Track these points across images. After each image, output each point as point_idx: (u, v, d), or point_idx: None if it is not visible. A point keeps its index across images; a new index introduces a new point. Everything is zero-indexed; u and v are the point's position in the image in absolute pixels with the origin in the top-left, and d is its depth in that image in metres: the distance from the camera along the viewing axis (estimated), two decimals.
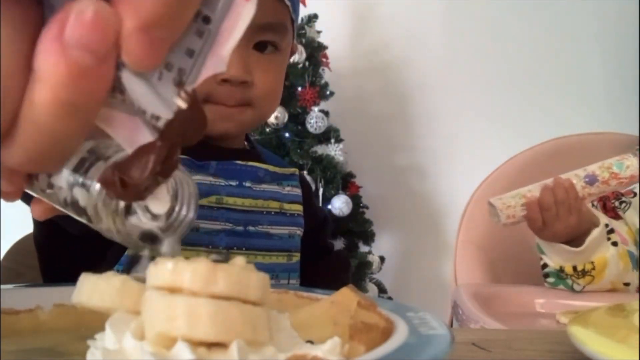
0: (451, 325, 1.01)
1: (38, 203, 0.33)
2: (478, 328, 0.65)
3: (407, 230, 2.27)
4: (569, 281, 0.99)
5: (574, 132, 1.54)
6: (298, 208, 0.82)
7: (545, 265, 1.01)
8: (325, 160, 1.96)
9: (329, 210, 1.91)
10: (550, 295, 0.97)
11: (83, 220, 0.29)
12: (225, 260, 0.27)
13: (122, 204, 0.28)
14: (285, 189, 0.81)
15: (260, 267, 0.84)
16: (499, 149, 1.69)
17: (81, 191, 0.28)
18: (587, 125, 1.69)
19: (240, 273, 0.26)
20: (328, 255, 0.93)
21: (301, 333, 0.35)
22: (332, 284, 0.95)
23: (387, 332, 0.30)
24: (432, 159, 2.27)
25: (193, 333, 0.24)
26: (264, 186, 0.79)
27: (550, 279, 1.01)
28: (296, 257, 0.81)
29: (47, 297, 0.46)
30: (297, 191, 0.83)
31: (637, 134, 1.31)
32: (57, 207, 0.30)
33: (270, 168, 0.80)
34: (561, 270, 0.98)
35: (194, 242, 0.70)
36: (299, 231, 0.82)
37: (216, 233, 0.72)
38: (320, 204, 1.91)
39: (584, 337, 0.33)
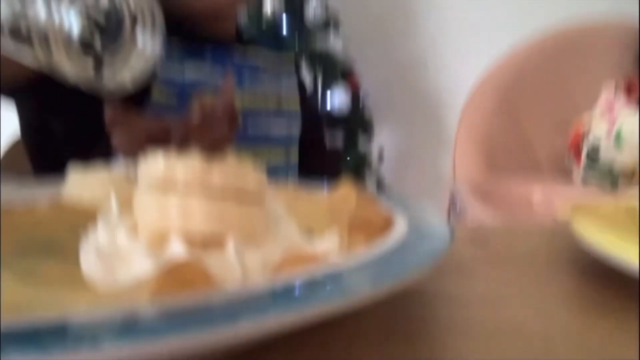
0: (448, 220, 1.02)
1: None
2: (473, 227, 0.65)
3: (407, 124, 2.25)
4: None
5: (575, 19, 1.47)
6: (295, 104, 0.81)
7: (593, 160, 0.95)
8: (324, 54, 1.91)
9: (328, 106, 1.89)
10: (549, 189, 0.98)
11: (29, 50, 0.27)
12: None
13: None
14: (282, 83, 0.79)
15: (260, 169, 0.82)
16: (502, 40, 1.64)
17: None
18: (591, 8, 1.61)
19: (236, 166, 0.25)
20: (321, 150, 0.92)
21: (300, 225, 0.35)
22: (325, 177, 0.96)
23: (385, 228, 0.29)
24: (433, 49, 2.21)
25: (187, 228, 0.23)
26: (263, 81, 0.76)
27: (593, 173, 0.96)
28: (294, 156, 0.80)
29: (43, 195, 0.45)
30: (294, 85, 0.81)
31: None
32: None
33: (269, 63, 0.77)
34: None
35: None
36: (296, 128, 0.81)
37: None
38: (319, 100, 1.88)
39: (587, 231, 0.33)
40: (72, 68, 0.26)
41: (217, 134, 0.22)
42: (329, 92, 1.89)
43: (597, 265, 0.31)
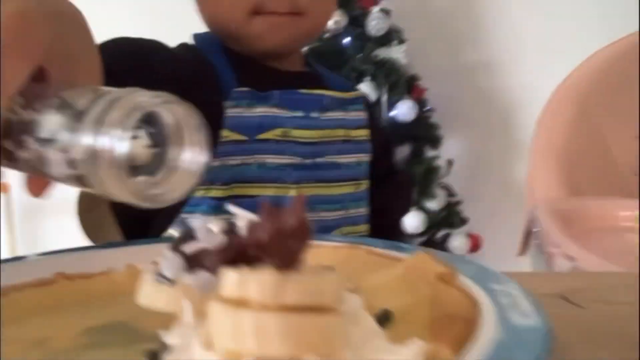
0: (526, 242, 0.98)
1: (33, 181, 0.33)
2: (564, 272, 0.61)
3: (476, 131, 2.19)
4: None
5: None
6: (364, 133, 0.80)
7: None
8: (388, 64, 1.88)
9: (393, 117, 1.86)
10: (634, 207, 0.91)
11: (73, 182, 0.28)
12: None
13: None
14: (350, 114, 0.78)
15: (330, 199, 0.83)
16: (576, 43, 1.56)
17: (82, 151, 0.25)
18: None
19: (312, 279, 0.23)
20: (393, 177, 0.91)
21: (375, 301, 0.33)
22: (399, 204, 0.94)
23: (471, 322, 0.27)
24: (501, 54, 2.14)
25: (264, 351, 0.22)
26: (330, 114, 0.76)
27: None
28: (364, 185, 0.79)
29: (118, 258, 0.46)
30: (363, 115, 0.80)
31: None
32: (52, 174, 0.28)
33: (336, 94, 0.76)
34: None
35: (261, 178, 0.69)
36: (366, 157, 0.79)
37: (283, 168, 0.70)
38: (384, 111, 1.86)
39: None
40: (120, 190, 0.26)
41: (289, 249, 0.21)
42: (394, 103, 1.86)
43: None
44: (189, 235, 0.25)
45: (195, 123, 0.27)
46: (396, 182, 0.90)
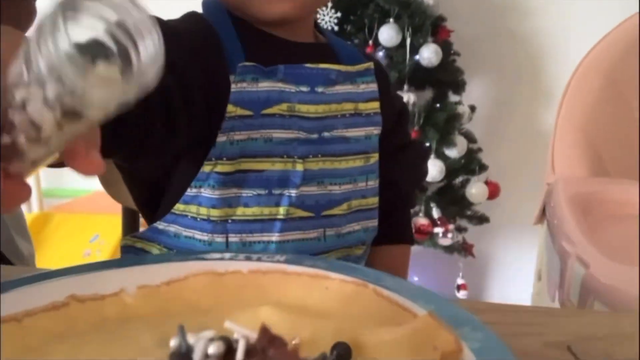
0: (544, 214, 0.97)
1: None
2: (574, 312, 0.61)
3: (502, 76, 2.12)
4: None
5: None
6: (374, 106, 0.78)
7: None
8: (414, 4, 1.81)
9: (417, 61, 1.80)
10: None
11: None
12: None
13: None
14: (360, 87, 0.76)
15: (337, 173, 0.83)
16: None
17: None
18: None
19: None
20: (407, 148, 0.89)
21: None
22: (411, 176, 0.93)
23: None
24: None
25: None
26: (337, 88, 0.74)
27: None
28: (374, 158, 0.78)
29: (130, 277, 0.46)
30: (373, 87, 0.78)
31: None
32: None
33: (343, 68, 0.74)
34: None
35: (268, 152, 0.69)
36: (375, 130, 0.78)
37: (289, 142, 0.70)
38: (408, 55, 1.80)
39: None
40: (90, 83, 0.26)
41: None
42: (418, 47, 1.80)
43: None
44: (185, 356, 0.25)
45: (149, 23, 0.27)
46: (409, 154, 0.89)
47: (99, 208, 2.16)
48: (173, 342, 0.26)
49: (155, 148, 0.64)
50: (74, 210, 2.28)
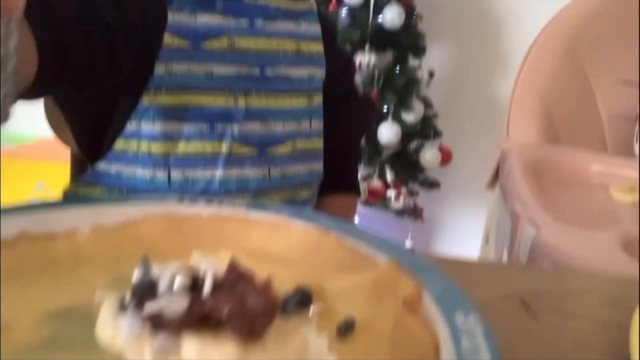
0: (496, 178, 0.99)
1: None
2: (528, 268, 0.62)
3: (462, 43, 2.13)
4: None
5: None
6: (318, 48, 0.79)
7: None
8: None
9: (381, 24, 1.79)
10: (607, 162, 0.92)
11: None
12: None
13: None
14: (301, 26, 0.77)
15: (280, 111, 0.83)
16: None
17: None
18: None
19: (275, 351, 0.23)
20: (353, 99, 0.91)
21: (338, 306, 0.34)
22: (356, 127, 0.95)
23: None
24: None
25: None
26: (278, 24, 0.74)
27: None
28: (317, 99, 0.79)
29: (84, 218, 0.45)
30: (316, 28, 0.79)
31: None
32: None
33: (282, 4, 0.74)
34: None
35: (209, 86, 0.69)
36: (318, 73, 0.79)
37: (231, 77, 0.70)
38: (371, 15, 1.79)
39: None
40: None
41: (254, 326, 0.20)
42: (381, 7, 1.79)
43: None
44: (150, 288, 0.24)
45: None
46: (354, 105, 0.91)
47: (46, 155, 2.09)
48: (136, 274, 0.26)
49: (98, 76, 0.63)
50: (20, 157, 2.20)
